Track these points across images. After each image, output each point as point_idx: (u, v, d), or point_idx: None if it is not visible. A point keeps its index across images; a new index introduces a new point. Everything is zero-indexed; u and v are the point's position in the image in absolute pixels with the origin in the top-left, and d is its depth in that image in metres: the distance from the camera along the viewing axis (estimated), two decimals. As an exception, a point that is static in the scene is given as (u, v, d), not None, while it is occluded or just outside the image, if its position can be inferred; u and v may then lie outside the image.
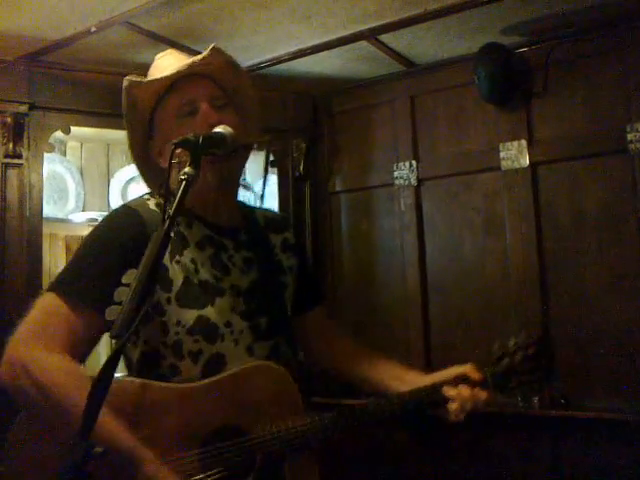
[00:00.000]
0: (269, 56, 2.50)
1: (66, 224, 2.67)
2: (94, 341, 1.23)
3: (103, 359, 1.08)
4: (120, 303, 1.11)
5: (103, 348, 2.05)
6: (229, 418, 1.20)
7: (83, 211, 2.75)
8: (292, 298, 1.45)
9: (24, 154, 2.36)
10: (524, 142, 2.43)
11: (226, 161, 1.25)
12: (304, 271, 1.51)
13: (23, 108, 2.35)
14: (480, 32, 2.36)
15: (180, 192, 1.01)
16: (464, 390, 1.32)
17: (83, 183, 2.82)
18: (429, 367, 2.51)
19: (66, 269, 1.26)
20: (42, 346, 1.13)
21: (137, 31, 2.21)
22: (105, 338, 1.22)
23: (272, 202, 2.88)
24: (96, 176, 2.90)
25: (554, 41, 2.37)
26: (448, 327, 2.56)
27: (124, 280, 1.14)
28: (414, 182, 2.66)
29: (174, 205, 0.99)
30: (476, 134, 2.57)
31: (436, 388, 1.34)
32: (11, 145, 2.31)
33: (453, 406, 1.31)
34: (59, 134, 2.54)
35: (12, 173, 2.34)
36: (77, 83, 2.48)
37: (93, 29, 2.16)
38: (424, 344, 2.58)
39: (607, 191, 2.28)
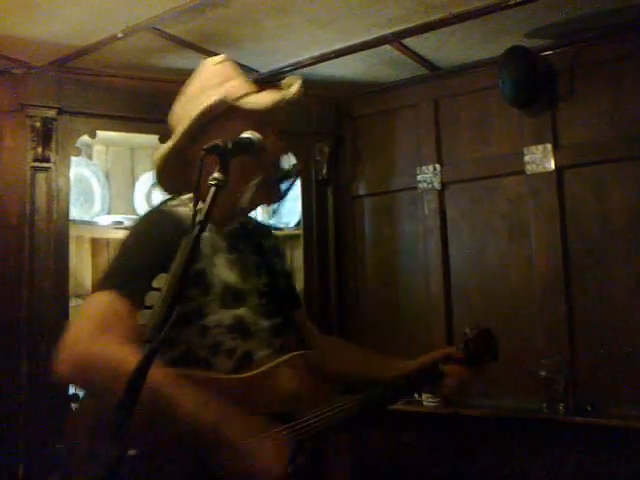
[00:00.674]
0: (292, 60, 2.51)
1: (92, 226, 2.71)
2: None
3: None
4: (151, 307, 1.15)
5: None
6: (273, 407, 1.27)
7: (108, 214, 2.78)
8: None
9: (52, 158, 2.41)
10: (549, 146, 2.41)
11: (270, 188, 1.37)
12: (288, 275, 1.61)
13: (52, 113, 2.40)
14: (504, 35, 2.34)
15: (210, 198, 1.02)
16: (455, 367, 1.54)
17: (109, 186, 2.86)
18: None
19: (117, 268, 1.26)
20: (108, 340, 1.12)
21: (163, 36, 2.24)
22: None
23: (295, 206, 2.89)
24: (121, 179, 2.94)
25: (579, 44, 2.35)
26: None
27: (154, 284, 1.17)
28: (438, 186, 2.64)
29: (204, 211, 1.00)
30: (500, 138, 2.55)
31: (435, 363, 1.55)
32: (40, 149, 2.36)
33: (450, 380, 1.52)
34: (85, 138, 2.58)
35: (41, 177, 2.39)
36: (104, 88, 2.52)
37: (120, 35, 2.19)
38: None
39: (634, 196, 2.25)
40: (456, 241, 2.63)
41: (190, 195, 1.37)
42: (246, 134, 1.20)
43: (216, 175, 1.05)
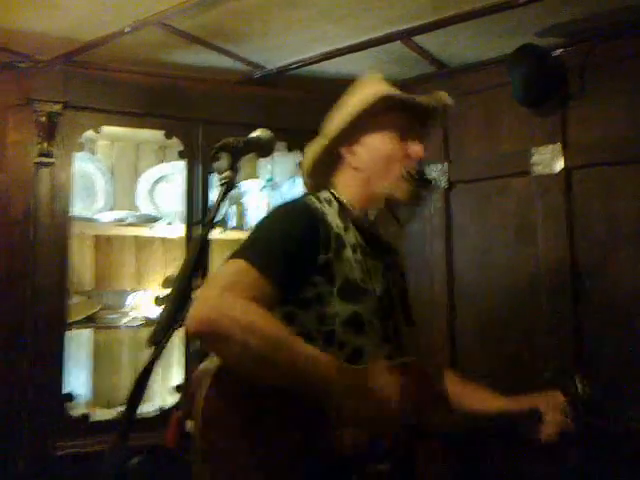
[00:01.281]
0: (301, 56, 2.49)
1: (94, 223, 2.68)
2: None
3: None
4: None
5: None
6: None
7: (111, 210, 2.76)
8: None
9: (55, 153, 2.38)
10: (559, 146, 2.39)
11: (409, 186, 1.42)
12: (406, 292, 1.62)
13: (57, 107, 2.37)
14: (515, 33, 2.32)
15: (219, 197, 1.00)
16: (557, 415, 1.47)
17: (113, 182, 2.83)
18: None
19: (255, 242, 1.31)
20: (239, 295, 1.16)
21: (170, 31, 2.21)
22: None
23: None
24: (125, 175, 2.92)
25: (591, 43, 2.32)
26: (475, 334, 2.53)
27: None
28: (445, 185, 2.63)
29: (213, 210, 0.99)
30: (509, 137, 2.53)
31: (536, 410, 1.48)
32: (45, 144, 2.33)
33: (548, 427, 1.47)
34: (90, 133, 2.55)
35: (44, 172, 2.36)
36: (110, 83, 2.49)
37: (127, 29, 2.17)
38: (450, 350, 2.55)
39: (643, 197, 2.23)
40: (462, 242, 2.61)
41: (324, 194, 1.45)
42: (256, 132, 1.19)
43: (226, 174, 1.03)
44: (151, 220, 2.70)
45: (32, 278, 2.31)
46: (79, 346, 2.66)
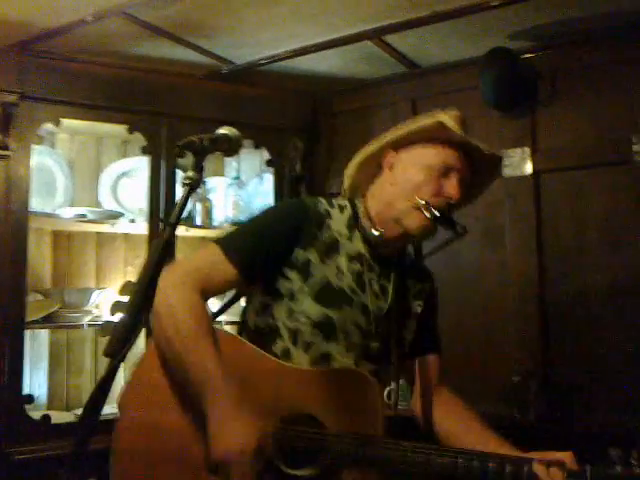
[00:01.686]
0: (271, 52, 2.43)
1: (53, 219, 2.57)
2: (223, 292, 1.41)
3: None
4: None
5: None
6: (311, 408, 1.25)
7: (71, 206, 2.66)
8: (411, 341, 1.51)
9: (12, 146, 2.27)
10: (527, 149, 2.38)
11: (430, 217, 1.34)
12: (427, 318, 1.55)
13: (12, 98, 2.26)
14: (487, 36, 2.30)
15: (182, 198, 0.95)
16: (556, 475, 1.14)
17: (72, 177, 2.73)
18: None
19: (235, 230, 1.47)
20: (186, 280, 1.28)
21: (134, 22, 2.13)
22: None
23: (268, 201, 2.81)
24: (86, 170, 2.81)
25: (562, 48, 2.33)
26: (445, 339, 2.50)
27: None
28: (413, 186, 2.60)
29: (175, 212, 0.94)
30: (478, 140, 2.51)
31: (526, 460, 1.16)
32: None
33: None
34: (49, 126, 2.45)
35: (-1, 165, 2.25)
36: (70, 74, 2.39)
37: (89, 18, 2.08)
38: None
39: (611, 202, 2.24)
40: (428, 244, 2.58)
41: (342, 201, 1.46)
42: (222, 130, 1.12)
43: (190, 174, 0.98)
44: (114, 216, 2.61)
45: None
46: (37, 346, 2.56)
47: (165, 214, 2.44)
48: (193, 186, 0.96)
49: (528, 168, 2.38)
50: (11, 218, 2.27)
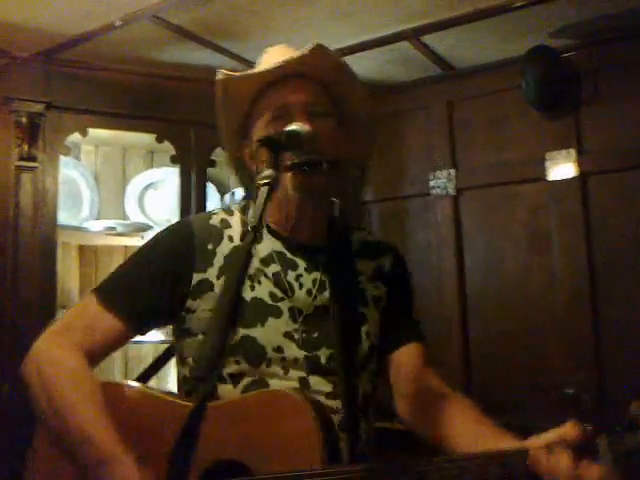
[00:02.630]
0: (303, 56, 2.35)
1: (80, 232, 2.50)
2: (113, 348, 1.17)
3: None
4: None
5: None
6: (234, 451, 1.02)
7: (97, 219, 2.58)
8: (379, 333, 1.23)
9: (39, 157, 2.20)
10: (573, 151, 2.28)
11: (312, 173, 1.09)
12: (396, 303, 1.27)
13: (39, 107, 2.20)
14: (527, 34, 2.22)
15: (262, 199, 0.85)
16: (563, 459, 0.86)
17: (98, 189, 2.65)
18: (469, 390, 2.35)
19: (112, 273, 1.21)
20: (62, 342, 1.10)
21: (164, 26, 2.06)
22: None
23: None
24: (111, 182, 2.74)
25: (604, 45, 2.23)
26: (489, 348, 2.40)
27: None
28: (452, 192, 2.50)
29: (257, 215, 0.85)
30: (519, 142, 2.42)
31: (518, 452, 0.89)
32: (26, 147, 2.15)
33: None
34: (73, 137, 2.38)
35: (26, 177, 2.18)
36: (96, 82, 2.33)
37: (118, 23, 2.01)
38: (463, 366, 2.41)
39: (663, 204, 2.14)
40: (471, 251, 2.49)
41: (244, 202, 1.25)
42: (293, 126, 1.03)
43: (267, 172, 0.88)
44: (143, 229, 2.53)
45: (14, 293, 2.12)
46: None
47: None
48: (272, 185, 0.87)
49: (574, 170, 2.27)
50: (39, 232, 2.19)
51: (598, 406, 2.14)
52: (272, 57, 1.21)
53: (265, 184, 0.86)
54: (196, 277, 1.13)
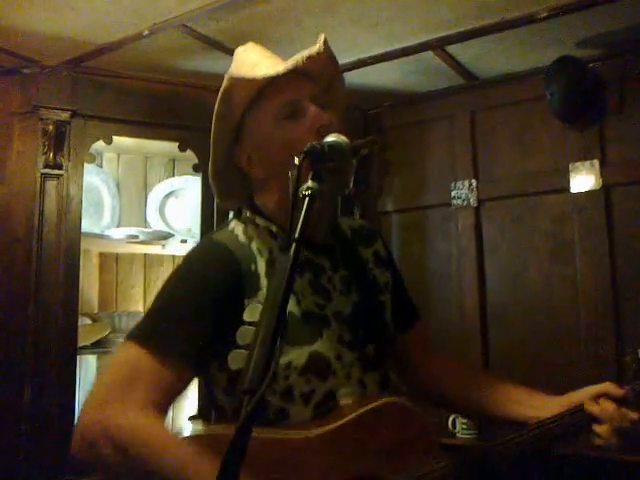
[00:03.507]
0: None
1: (101, 240, 2.50)
2: (181, 393, 1.05)
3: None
4: (244, 347, 1.00)
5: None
6: (361, 468, 1.04)
7: (118, 226, 2.58)
8: (392, 317, 1.26)
9: (64, 165, 2.21)
10: (597, 162, 2.27)
11: (342, 173, 1.06)
12: (397, 286, 1.30)
13: (65, 116, 2.20)
14: (552, 45, 2.22)
15: (304, 211, 0.84)
16: (610, 406, 1.09)
17: (119, 197, 2.66)
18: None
19: (151, 314, 1.08)
20: (122, 406, 0.96)
21: (191, 35, 2.07)
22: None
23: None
24: (133, 190, 2.74)
25: (630, 55, 2.23)
26: (510, 360, 2.38)
27: (246, 318, 0.98)
28: (474, 202, 2.49)
29: (300, 227, 0.82)
30: (542, 153, 2.41)
31: (578, 408, 1.11)
32: (51, 155, 2.16)
33: (602, 428, 1.09)
34: (96, 144, 2.38)
35: (51, 185, 2.19)
36: (121, 90, 2.33)
37: (146, 32, 2.02)
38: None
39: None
40: (493, 262, 2.47)
41: (250, 214, 1.17)
42: (332, 137, 1.00)
43: (310, 184, 0.87)
44: (164, 237, 2.53)
45: (37, 300, 2.13)
46: (84, 373, 2.46)
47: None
48: (315, 197, 0.86)
49: (598, 182, 2.26)
50: (63, 239, 2.19)
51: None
52: (251, 57, 1.18)
53: (308, 195, 0.85)
54: (247, 303, 1.06)
